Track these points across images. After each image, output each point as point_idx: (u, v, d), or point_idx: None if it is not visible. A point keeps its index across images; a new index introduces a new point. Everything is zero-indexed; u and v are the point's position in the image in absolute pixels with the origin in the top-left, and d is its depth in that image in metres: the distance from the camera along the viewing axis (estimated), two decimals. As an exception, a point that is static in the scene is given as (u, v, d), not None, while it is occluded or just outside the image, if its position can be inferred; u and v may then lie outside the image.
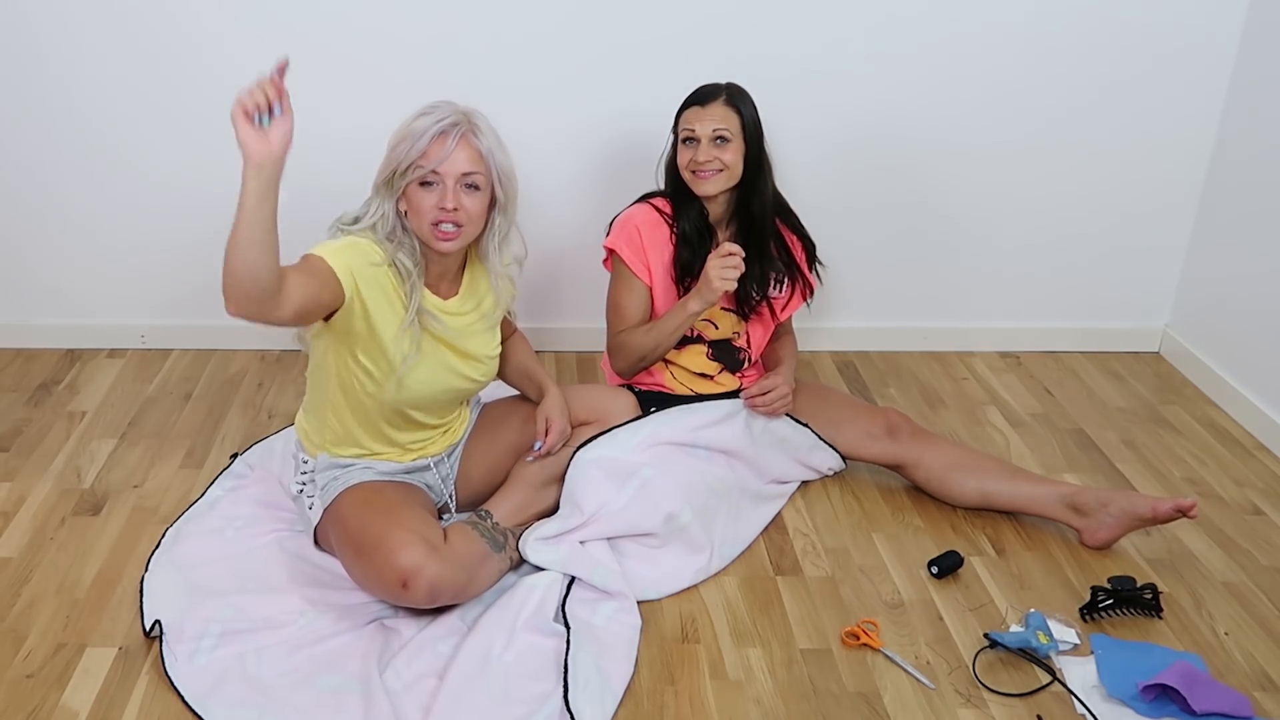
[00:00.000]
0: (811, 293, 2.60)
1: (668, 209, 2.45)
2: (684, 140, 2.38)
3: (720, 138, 2.35)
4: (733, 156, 2.36)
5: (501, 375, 2.37)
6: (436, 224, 2.00)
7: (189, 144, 2.93)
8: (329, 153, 2.77)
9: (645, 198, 2.50)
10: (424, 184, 1.99)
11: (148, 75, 2.86)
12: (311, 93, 2.85)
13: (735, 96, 2.38)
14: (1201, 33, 2.96)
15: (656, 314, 2.48)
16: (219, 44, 2.83)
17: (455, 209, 1.99)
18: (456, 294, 2.16)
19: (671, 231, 2.44)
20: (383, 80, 2.87)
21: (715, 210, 2.45)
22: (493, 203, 2.07)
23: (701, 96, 2.38)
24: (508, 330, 2.38)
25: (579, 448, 2.29)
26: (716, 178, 2.36)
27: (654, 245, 2.43)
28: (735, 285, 2.32)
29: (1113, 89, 3.01)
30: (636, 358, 2.45)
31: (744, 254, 2.31)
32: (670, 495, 2.27)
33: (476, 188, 2.01)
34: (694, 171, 2.37)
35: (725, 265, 2.30)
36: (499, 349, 2.26)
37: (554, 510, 2.30)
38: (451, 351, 2.14)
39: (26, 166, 2.95)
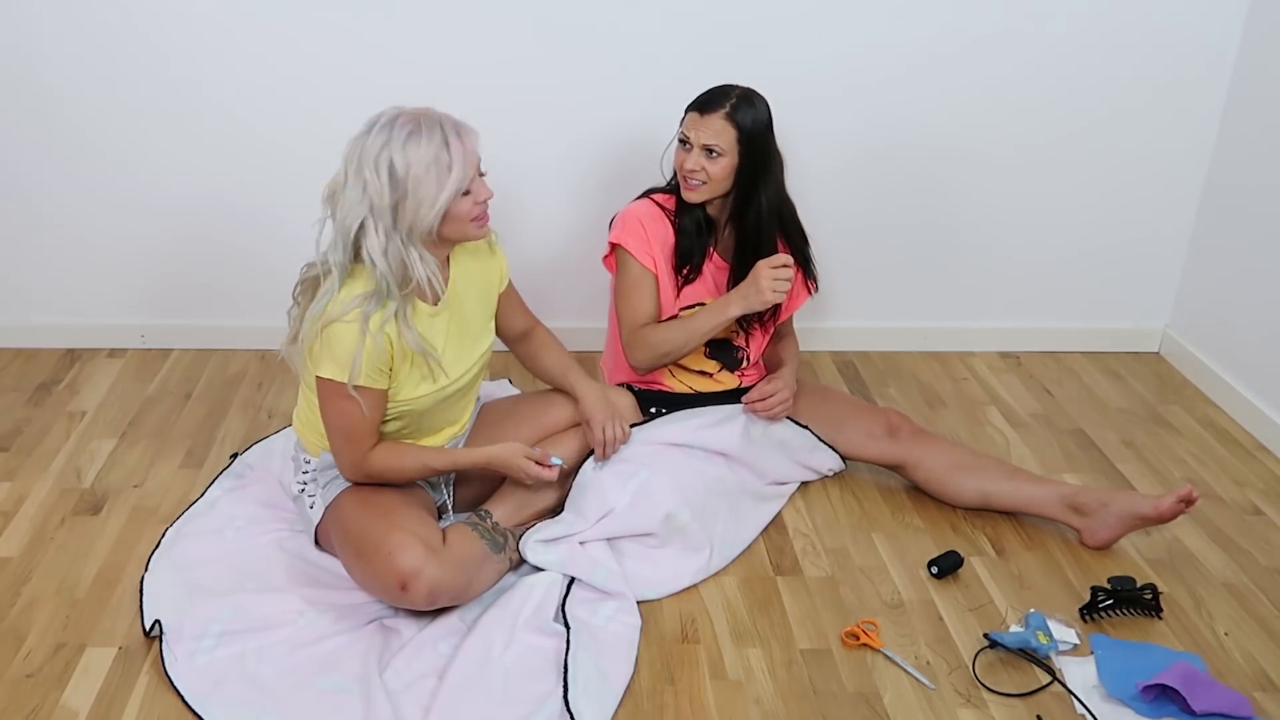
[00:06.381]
0: (774, 320, 2.56)
1: (669, 204, 2.44)
2: (680, 141, 2.37)
3: (710, 150, 2.31)
4: (720, 170, 2.31)
5: (539, 375, 2.41)
6: (476, 219, 2.03)
7: (187, 143, 2.93)
8: (325, 162, 2.75)
9: (648, 193, 2.49)
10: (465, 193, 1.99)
11: (143, 76, 2.85)
12: (304, 99, 2.88)
13: (739, 109, 2.29)
14: (1202, 37, 2.96)
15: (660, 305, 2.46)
16: (210, 45, 2.83)
17: (489, 197, 2.03)
18: (446, 281, 2.15)
19: (672, 225, 2.43)
20: (379, 90, 2.85)
21: (714, 208, 2.44)
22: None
23: (704, 103, 2.32)
24: (528, 322, 2.40)
25: (586, 457, 2.31)
26: (701, 189, 2.34)
27: (656, 238, 2.42)
28: (785, 297, 2.31)
29: (1112, 90, 3.01)
30: (661, 353, 2.41)
31: (793, 263, 2.30)
32: (668, 495, 2.27)
33: (483, 172, 2.04)
34: (683, 176, 2.37)
35: (778, 276, 2.29)
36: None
37: (555, 510, 2.30)
38: (456, 324, 2.15)
39: (25, 167, 2.94)
